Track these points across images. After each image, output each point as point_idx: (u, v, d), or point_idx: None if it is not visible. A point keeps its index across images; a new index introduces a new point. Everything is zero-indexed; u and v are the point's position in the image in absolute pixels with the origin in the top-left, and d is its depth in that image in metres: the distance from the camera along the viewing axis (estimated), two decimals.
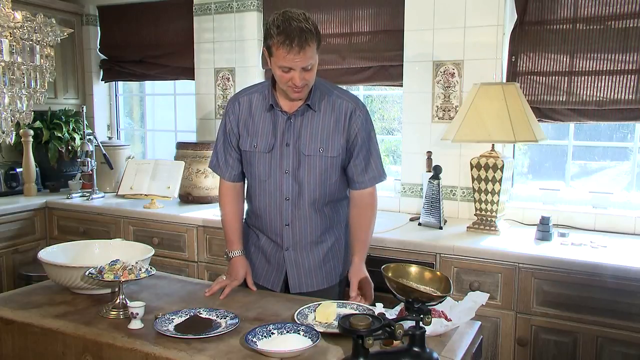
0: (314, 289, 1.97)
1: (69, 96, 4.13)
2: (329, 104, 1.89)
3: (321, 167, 1.89)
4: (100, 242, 2.14)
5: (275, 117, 1.90)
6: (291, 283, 1.98)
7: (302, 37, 1.66)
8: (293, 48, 1.67)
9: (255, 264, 2.04)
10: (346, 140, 1.89)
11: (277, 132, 1.89)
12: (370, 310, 1.71)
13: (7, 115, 1.91)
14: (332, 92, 1.91)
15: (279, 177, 1.90)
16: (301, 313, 1.66)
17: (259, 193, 1.95)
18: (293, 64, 1.70)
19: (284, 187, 1.90)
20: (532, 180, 3.08)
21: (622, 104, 2.63)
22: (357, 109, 1.90)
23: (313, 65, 1.75)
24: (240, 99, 1.96)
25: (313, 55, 1.72)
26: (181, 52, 3.86)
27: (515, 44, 2.84)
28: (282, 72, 1.74)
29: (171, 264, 3.14)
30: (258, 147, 1.90)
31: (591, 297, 2.18)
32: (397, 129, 3.45)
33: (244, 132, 1.93)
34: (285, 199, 1.91)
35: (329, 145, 1.88)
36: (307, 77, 1.75)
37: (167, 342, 1.48)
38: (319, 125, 1.88)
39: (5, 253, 3.38)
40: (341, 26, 3.29)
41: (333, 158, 1.89)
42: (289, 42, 1.66)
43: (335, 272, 2.03)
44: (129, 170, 3.53)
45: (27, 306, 1.75)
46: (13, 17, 1.82)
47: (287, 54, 1.68)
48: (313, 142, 1.87)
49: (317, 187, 1.90)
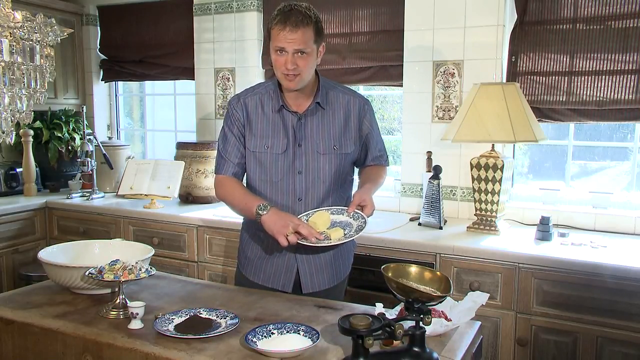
0: (325, 287, 1.98)
1: (69, 96, 4.13)
2: (336, 101, 1.93)
3: (336, 164, 1.92)
4: (100, 242, 2.14)
5: (285, 117, 1.90)
6: (303, 282, 1.96)
7: (298, 17, 1.73)
8: (286, 26, 1.73)
9: (263, 267, 2.00)
10: (359, 136, 1.95)
11: (289, 133, 1.89)
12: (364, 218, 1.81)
13: (7, 115, 1.91)
14: (338, 90, 1.96)
15: (291, 178, 1.90)
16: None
17: (270, 195, 1.93)
18: (286, 43, 1.74)
19: (297, 188, 1.91)
20: (532, 180, 3.08)
21: (622, 104, 2.63)
22: (365, 104, 1.97)
23: (308, 54, 1.77)
24: (245, 99, 1.94)
25: (308, 41, 1.76)
26: (181, 52, 3.86)
27: (515, 44, 2.84)
28: (276, 55, 1.78)
29: (171, 264, 3.14)
30: (271, 149, 1.90)
31: (591, 297, 2.18)
32: (397, 129, 3.45)
33: (250, 132, 1.92)
34: (298, 199, 1.91)
35: (343, 143, 1.92)
36: (300, 63, 1.77)
37: (167, 342, 1.48)
38: (331, 123, 1.91)
39: (5, 253, 3.38)
40: (341, 26, 3.29)
41: (348, 154, 1.94)
42: (284, 20, 1.73)
43: (343, 268, 2.05)
44: (129, 170, 3.53)
45: (27, 306, 1.75)
46: (13, 17, 1.82)
47: (281, 31, 1.74)
48: (327, 141, 1.90)
49: (330, 184, 1.92)
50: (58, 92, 4.02)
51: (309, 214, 1.87)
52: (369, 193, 1.90)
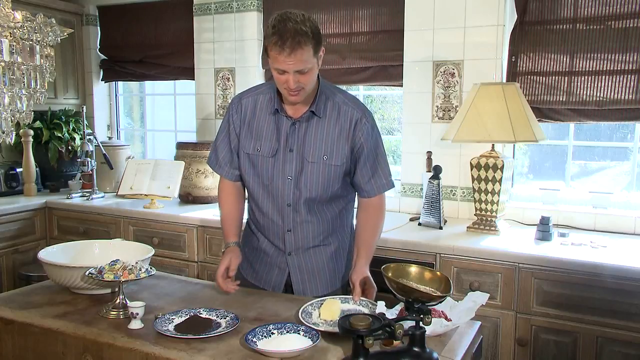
0: (318, 294, 1.93)
1: (69, 96, 4.13)
2: (334, 110, 1.85)
3: (324, 174, 1.85)
4: (100, 242, 2.14)
5: (280, 121, 1.86)
6: (295, 287, 1.95)
7: (295, 39, 1.61)
8: (284, 50, 1.62)
9: (256, 266, 2.01)
10: (351, 148, 1.85)
11: (281, 137, 1.85)
12: (374, 305, 1.70)
13: (7, 115, 1.91)
14: (338, 97, 1.87)
15: (281, 183, 1.86)
16: (305, 311, 1.65)
17: (261, 198, 1.92)
18: (285, 66, 1.66)
19: (286, 193, 1.87)
20: (532, 180, 3.08)
21: (622, 104, 2.63)
22: (363, 117, 1.84)
23: (310, 70, 1.70)
24: (245, 99, 1.92)
25: (308, 58, 1.66)
26: (181, 52, 3.86)
27: (515, 44, 2.84)
28: (277, 73, 1.71)
29: (171, 264, 3.14)
30: (262, 151, 1.87)
31: (591, 297, 2.18)
32: (397, 129, 3.45)
33: (247, 134, 1.90)
34: (287, 205, 1.88)
35: (333, 153, 1.84)
36: (302, 80, 1.70)
37: (167, 342, 1.48)
38: (324, 132, 1.84)
39: (5, 253, 3.38)
40: (341, 26, 3.29)
41: (337, 167, 1.85)
42: (281, 44, 1.62)
43: (338, 275, 2.00)
44: (129, 170, 3.53)
45: (27, 306, 1.75)
46: (13, 17, 1.82)
47: (279, 55, 1.64)
48: (317, 149, 1.84)
49: (319, 194, 1.87)
50: (58, 92, 4.02)
51: (320, 302, 1.74)
52: (366, 270, 1.83)
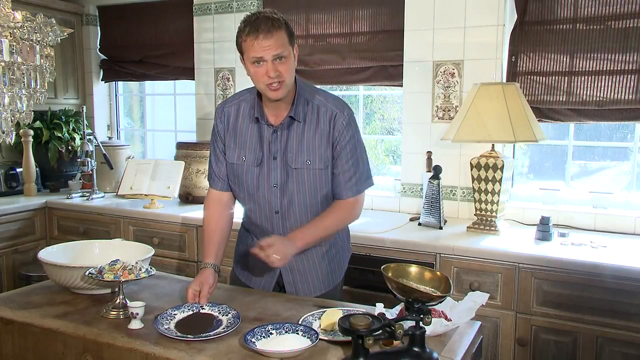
0: (310, 295, 1.93)
1: (69, 96, 4.13)
2: (313, 113, 1.82)
3: (310, 179, 1.83)
4: (100, 242, 2.14)
5: (261, 129, 1.84)
6: (287, 289, 1.95)
7: (267, 22, 1.66)
8: (259, 34, 1.65)
9: (248, 266, 2.01)
10: (332, 148, 1.83)
11: (264, 145, 1.84)
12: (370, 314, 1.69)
13: (7, 115, 1.91)
14: (317, 99, 1.84)
15: (267, 191, 1.85)
16: (306, 321, 1.63)
17: (249, 206, 1.92)
18: (261, 52, 1.66)
19: (273, 201, 1.85)
20: (532, 180, 3.08)
21: (622, 104, 2.63)
22: (339, 113, 1.82)
23: (286, 58, 1.69)
24: (227, 107, 1.91)
25: (284, 44, 1.68)
26: (181, 52, 3.86)
27: (515, 44, 2.84)
28: (255, 67, 1.70)
29: (171, 264, 3.14)
30: (247, 161, 1.86)
31: (591, 297, 2.18)
32: (397, 129, 3.45)
33: (231, 143, 1.88)
34: (275, 212, 1.87)
35: (316, 157, 1.82)
36: (280, 69, 1.69)
37: (167, 342, 1.48)
38: (305, 137, 1.82)
39: (5, 253, 3.38)
40: (341, 26, 3.29)
41: (321, 170, 1.83)
42: (255, 29, 1.66)
43: (332, 276, 1.99)
44: (129, 170, 3.53)
45: (27, 306, 1.75)
46: (13, 17, 1.82)
47: (254, 41, 1.66)
48: (300, 155, 1.81)
49: (307, 199, 1.85)
50: (58, 92, 4.02)
51: (321, 313, 1.70)
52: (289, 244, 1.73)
